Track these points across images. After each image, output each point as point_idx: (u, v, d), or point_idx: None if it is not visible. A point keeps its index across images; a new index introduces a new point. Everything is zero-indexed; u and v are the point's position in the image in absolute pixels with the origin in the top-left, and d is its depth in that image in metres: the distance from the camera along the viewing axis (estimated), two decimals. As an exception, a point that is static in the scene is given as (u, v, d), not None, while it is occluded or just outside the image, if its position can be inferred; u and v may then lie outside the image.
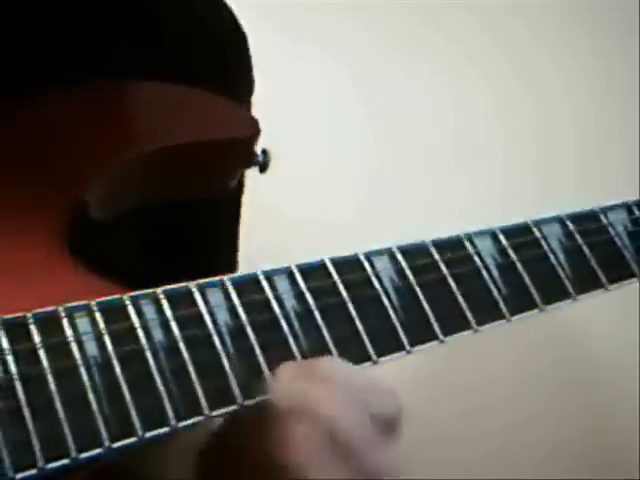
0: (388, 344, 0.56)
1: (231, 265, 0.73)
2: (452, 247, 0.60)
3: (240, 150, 0.64)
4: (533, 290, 0.61)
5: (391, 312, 0.57)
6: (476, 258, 0.60)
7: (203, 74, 0.64)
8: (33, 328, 0.49)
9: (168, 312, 0.52)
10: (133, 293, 0.52)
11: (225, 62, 0.68)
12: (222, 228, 0.71)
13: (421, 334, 0.57)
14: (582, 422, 1.28)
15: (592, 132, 1.37)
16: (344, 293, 0.56)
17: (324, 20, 1.29)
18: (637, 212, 0.67)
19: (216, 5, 0.68)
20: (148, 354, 0.50)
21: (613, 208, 0.66)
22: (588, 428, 1.29)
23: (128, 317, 0.51)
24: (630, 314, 1.26)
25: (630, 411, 1.28)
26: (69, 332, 0.49)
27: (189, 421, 0.50)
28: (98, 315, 0.50)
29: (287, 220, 1.19)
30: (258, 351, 0.52)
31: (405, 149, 1.29)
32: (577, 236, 0.64)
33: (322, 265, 0.56)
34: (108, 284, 0.54)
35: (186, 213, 0.65)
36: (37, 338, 0.49)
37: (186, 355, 0.51)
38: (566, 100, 1.37)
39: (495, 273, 0.60)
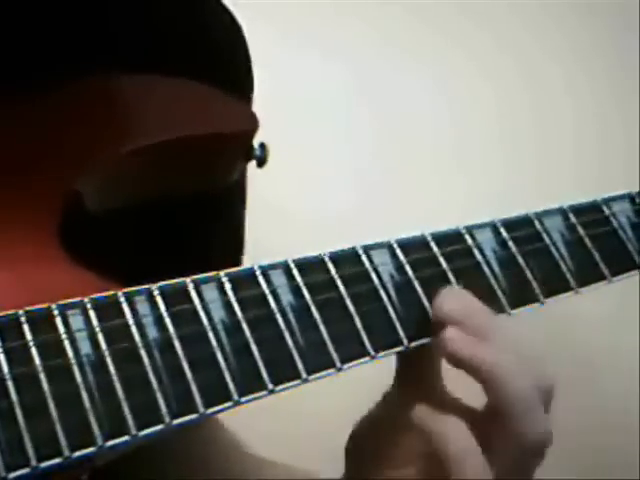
0: (386, 340, 0.55)
1: (236, 260, 0.72)
2: (452, 240, 0.59)
3: (238, 144, 0.63)
4: (534, 283, 0.60)
5: (389, 307, 0.56)
6: (476, 251, 0.60)
7: (203, 73, 0.63)
8: (25, 326, 0.48)
9: (162, 308, 0.51)
10: (127, 289, 0.51)
11: (226, 62, 0.68)
12: (222, 223, 0.71)
13: (420, 330, 0.56)
14: (582, 422, 1.28)
15: (592, 132, 1.37)
16: (342, 288, 0.55)
17: (324, 18, 1.29)
18: None
19: (217, 6, 0.68)
20: (142, 351, 0.49)
21: (616, 199, 0.65)
22: (588, 428, 1.29)
23: (122, 314, 0.50)
24: (630, 314, 1.26)
25: (630, 411, 1.28)
26: (62, 329, 0.49)
27: (183, 419, 0.49)
28: (92, 312, 0.50)
29: (286, 216, 1.18)
30: (254, 347, 0.52)
31: (406, 145, 1.29)
32: (579, 228, 0.63)
33: (319, 259, 0.56)
34: (103, 280, 0.53)
35: (183, 208, 0.64)
36: (29, 336, 0.48)
37: (181, 352, 0.50)
38: (566, 99, 1.37)
39: (495, 266, 0.60)
